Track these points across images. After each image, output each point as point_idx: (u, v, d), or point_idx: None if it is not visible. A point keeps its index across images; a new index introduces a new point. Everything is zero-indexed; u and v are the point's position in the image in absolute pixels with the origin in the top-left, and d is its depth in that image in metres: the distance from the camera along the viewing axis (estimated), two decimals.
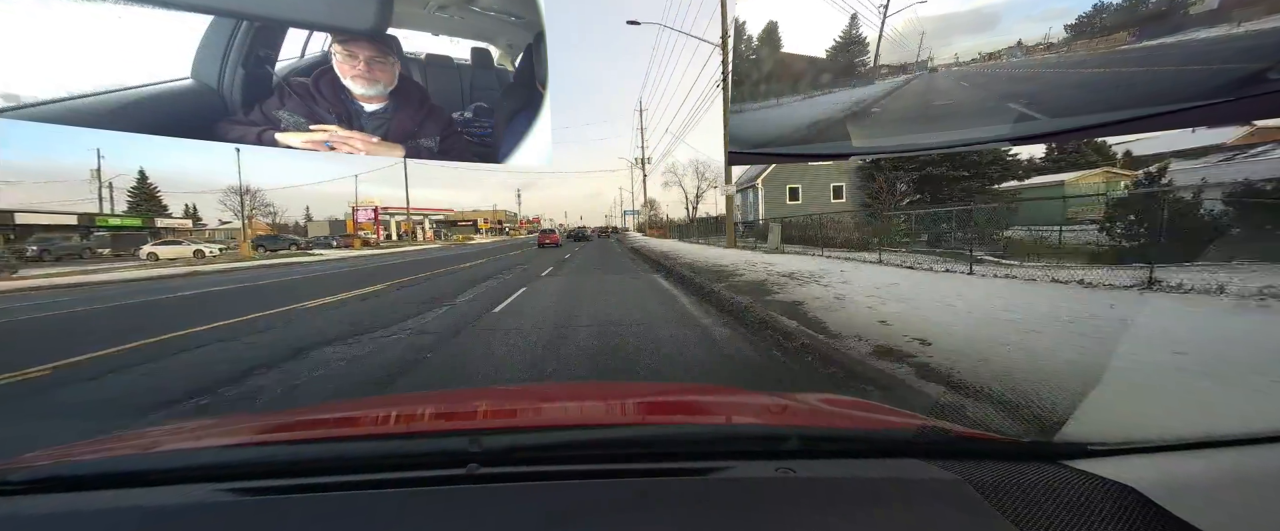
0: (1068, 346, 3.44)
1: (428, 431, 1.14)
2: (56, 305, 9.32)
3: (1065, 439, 0.83)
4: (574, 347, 4.62)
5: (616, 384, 3.14)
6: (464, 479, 0.77)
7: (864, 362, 3.54)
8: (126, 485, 0.80)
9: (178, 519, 0.71)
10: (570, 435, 0.98)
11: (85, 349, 5.04)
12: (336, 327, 5.90)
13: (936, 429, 0.92)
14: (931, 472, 0.77)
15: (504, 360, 4.29)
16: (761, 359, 4.12)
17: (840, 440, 0.95)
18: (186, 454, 1.00)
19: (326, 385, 3.72)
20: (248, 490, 0.76)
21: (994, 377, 2.85)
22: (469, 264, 17.06)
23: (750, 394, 1.73)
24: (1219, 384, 2.52)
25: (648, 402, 1.50)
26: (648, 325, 5.55)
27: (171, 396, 3.51)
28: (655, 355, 4.28)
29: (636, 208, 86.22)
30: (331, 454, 0.91)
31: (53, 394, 3.72)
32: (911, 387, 2.97)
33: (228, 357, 4.61)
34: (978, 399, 2.57)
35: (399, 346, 4.86)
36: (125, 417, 3.21)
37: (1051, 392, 2.42)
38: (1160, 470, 0.73)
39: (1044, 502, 0.68)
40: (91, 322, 7.12)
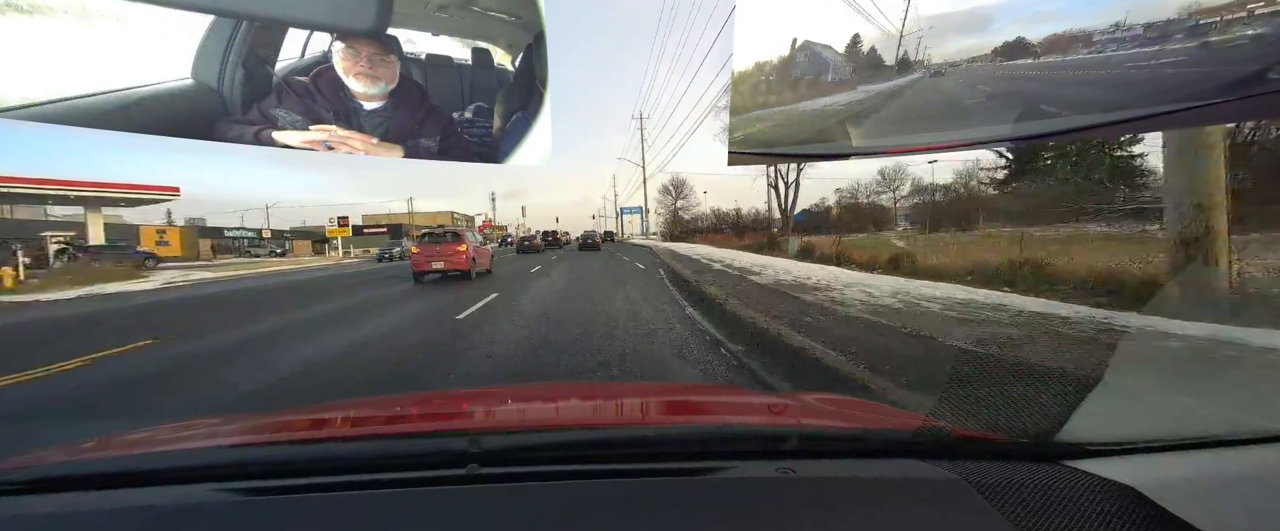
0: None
1: (427, 431, 1.14)
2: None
3: (1065, 439, 0.83)
4: None
5: (616, 384, 3.13)
6: (463, 479, 0.77)
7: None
8: (126, 485, 0.80)
9: (178, 519, 0.71)
10: (570, 435, 0.98)
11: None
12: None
13: (936, 429, 0.92)
14: (931, 472, 0.77)
15: None
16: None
17: (840, 440, 0.95)
18: (186, 454, 1.00)
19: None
20: (248, 490, 0.76)
21: None
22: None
23: (750, 394, 1.73)
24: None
25: (647, 402, 1.50)
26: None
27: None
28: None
29: (633, 205, 76.20)
30: (331, 454, 0.91)
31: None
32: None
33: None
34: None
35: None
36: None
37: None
38: (1160, 470, 0.73)
39: (1044, 502, 0.68)
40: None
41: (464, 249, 12.65)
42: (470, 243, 13.13)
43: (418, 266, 12.49)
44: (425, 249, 12.84)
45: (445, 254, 12.55)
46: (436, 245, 12.79)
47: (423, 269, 12.43)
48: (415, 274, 12.53)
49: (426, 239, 13.40)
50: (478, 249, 13.85)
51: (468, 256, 12.59)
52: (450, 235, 13.24)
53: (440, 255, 12.52)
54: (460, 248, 12.68)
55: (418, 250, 12.85)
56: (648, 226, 61.80)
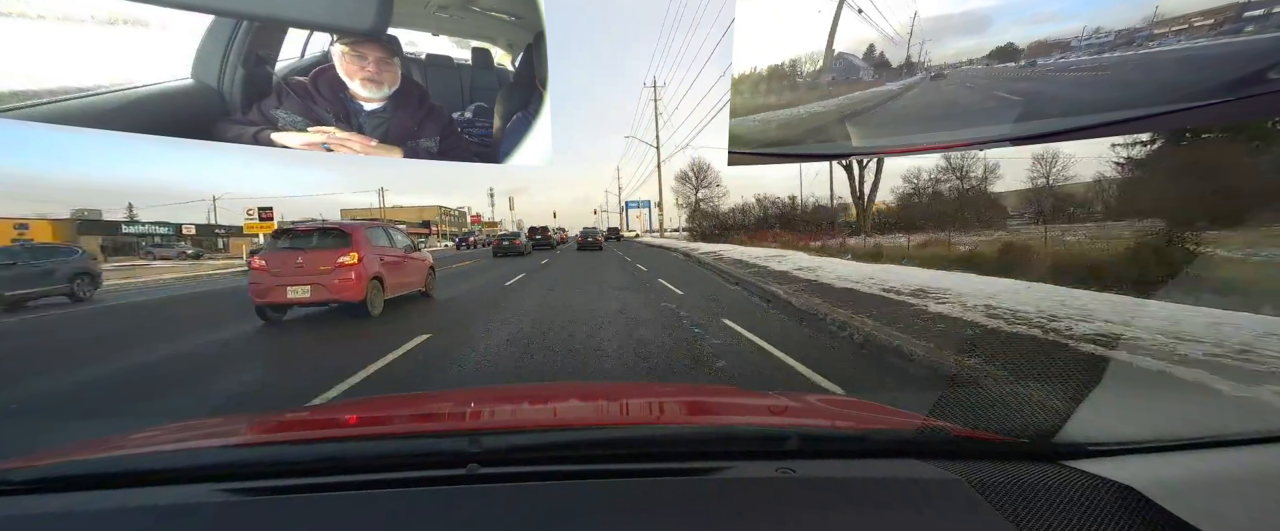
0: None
1: (427, 431, 1.14)
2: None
3: (1065, 439, 0.83)
4: None
5: (616, 384, 3.13)
6: (463, 479, 0.77)
7: None
8: (126, 485, 0.80)
9: (178, 519, 0.71)
10: (570, 435, 0.98)
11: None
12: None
13: (936, 429, 0.92)
14: (931, 472, 0.77)
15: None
16: None
17: (840, 440, 0.95)
18: (187, 454, 1.00)
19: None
20: (248, 490, 0.76)
21: None
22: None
23: (750, 394, 1.73)
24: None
25: (647, 402, 1.50)
26: None
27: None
28: None
29: (638, 199, 63.48)
30: (331, 454, 0.91)
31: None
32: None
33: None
34: None
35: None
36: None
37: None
38: (1160, 470, 0.73)
39: (1043, 502, 0.68)
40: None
41: (352, 260, 6.71)
42: (369, 247, 7.08)
43: (261, 294, 6.61)
44: (277, 260, 6.74)
45: (314, 270, 6.60)
46: (297, 253, 6.77)
47: (271, 300, 6.59)
48: (259, 308, 6.73)
49: (282, 242, 7.22)
50: (394, 258, 7.77)
51: (358, 275, 6.68)
52: (330, 236, 7.08)
53: (304, 272, 6.59)
54: (345, 258, 6.71)
55: (261, 263, 6.83)
56: (660, 221, 47.78)
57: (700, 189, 48.55)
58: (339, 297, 6.66)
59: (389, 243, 7.93)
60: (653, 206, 54.72)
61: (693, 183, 48.91)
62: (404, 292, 8.09)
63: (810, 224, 28.12)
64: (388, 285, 7.37)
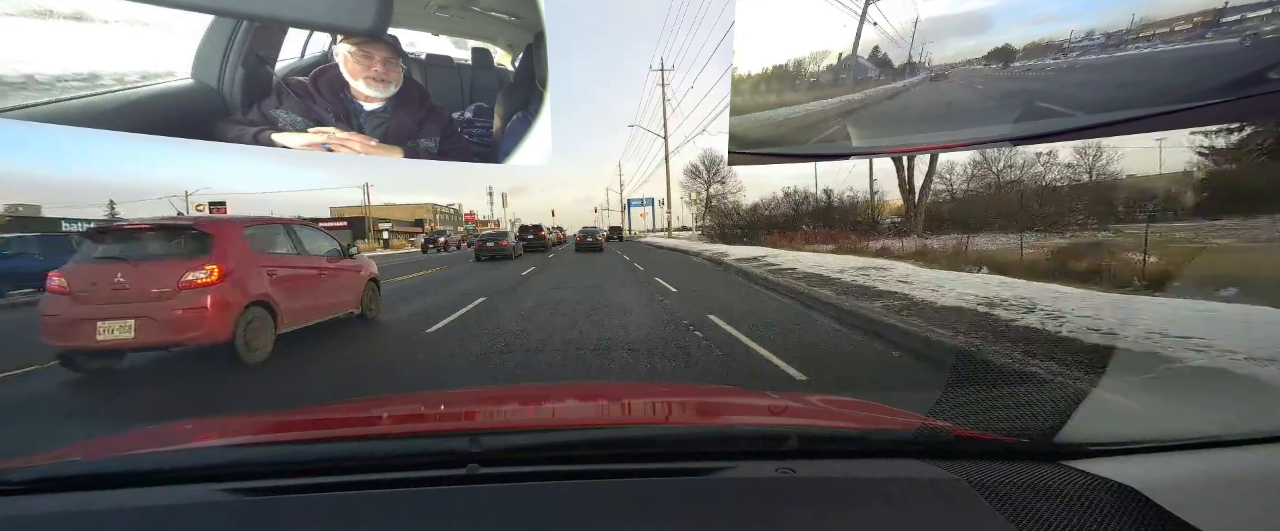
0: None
1: (427, 431, 1.14)
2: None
3: (1065, 439, 0.83)
4: None
5: (616, 384, 3.13)
6: (463, 479, 0.77)
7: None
8: (127, 485, 0.80)
9: (178, 519, 0.71)
10: (570, 435, 0.98)
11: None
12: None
13: (936, 429, 0.92)
14: (931, 472, 0.77)
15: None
16: None
17: (840, 440, 0.94)
18: (187, 454, 1.00)
19: None
20: (248, 490, 0.76)
21: None
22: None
23: (750, 394, 1.73)
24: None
25: (648, 403, 1.50)
26: None
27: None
28: None
29: (640, 197, 56.97)
30: (331, 454, 0.91)
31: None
32: None
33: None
34: None
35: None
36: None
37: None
38: (1160, 470, 0.73)
39: (1043, 502, 0.68)
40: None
41: (208, 277, 4.21)
42: (245, 256, 4.60)
43: (57, 334, 4.04)
44: (85, 277, 4.16)
45: (143, 293, 4.08)
46: (117, 265, 4.17)
47: (71, 342, 4.04)
48: (61, 355, 4.19)
49: (98, 251, 4.38)
50: (303, 270, 5.35)
51: (217, 302, 4.18)
52: (175, 238, 4.42)
53: (128, 297, 4.05)
54: (195, 273, 4.18)
55: (60, 283, 4.14)
56: (668, 219, 42.07)
57: (711, 184, 42.72)
58: (184, 338, 4.08)
59: (293, 247, 5.32)
60: (657, 204, 50.65)
61: (704, 177, 42.83)
62: (324, 318, 5.60)
63: (845, 222, 24.42)
64: (284, 312, 4.83)
